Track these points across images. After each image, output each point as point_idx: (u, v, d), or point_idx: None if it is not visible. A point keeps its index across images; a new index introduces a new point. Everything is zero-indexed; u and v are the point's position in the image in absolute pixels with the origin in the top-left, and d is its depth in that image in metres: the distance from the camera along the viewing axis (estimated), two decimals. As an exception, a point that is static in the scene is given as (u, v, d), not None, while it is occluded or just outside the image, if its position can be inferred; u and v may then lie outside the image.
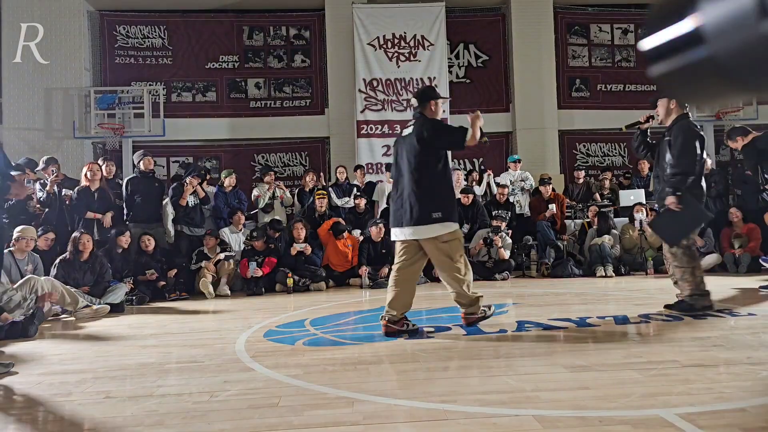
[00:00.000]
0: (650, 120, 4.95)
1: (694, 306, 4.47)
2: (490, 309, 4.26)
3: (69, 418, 2.37)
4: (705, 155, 4.66)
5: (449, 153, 4.39)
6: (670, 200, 4.40)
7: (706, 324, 4.03)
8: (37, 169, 7.66)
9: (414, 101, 4.23)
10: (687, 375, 2.69)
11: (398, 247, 4.17)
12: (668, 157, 4.54)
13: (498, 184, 9.37)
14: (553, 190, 9.26)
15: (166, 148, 11.69)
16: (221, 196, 8.58)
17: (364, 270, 7.57)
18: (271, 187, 8.80)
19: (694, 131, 4.45)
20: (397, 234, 4.12)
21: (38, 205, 7.25)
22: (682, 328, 3.89)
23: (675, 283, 4.70)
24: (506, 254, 8.01)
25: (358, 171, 9.65)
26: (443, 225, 3.96)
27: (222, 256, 7.32)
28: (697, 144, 4.43)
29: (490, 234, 8.01)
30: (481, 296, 4.26)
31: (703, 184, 4.55)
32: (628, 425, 2.02)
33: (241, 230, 8.20)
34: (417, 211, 3.94)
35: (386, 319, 4.06)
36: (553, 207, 8.77)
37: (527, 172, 9.70)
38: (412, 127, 4.13)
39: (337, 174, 9.34)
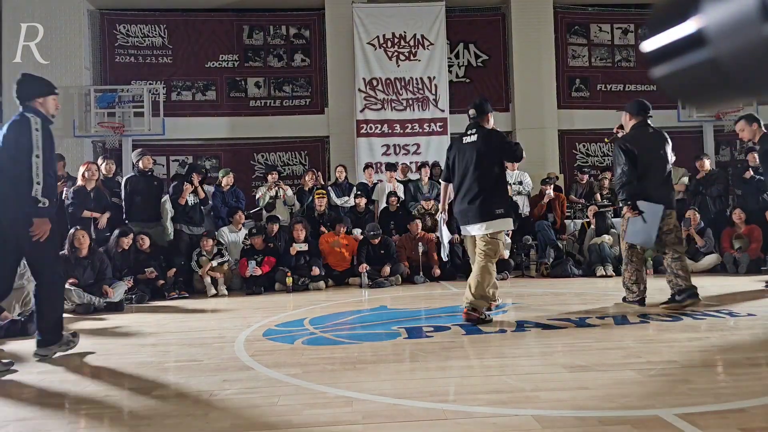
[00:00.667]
0: (621, 129, 5.36)
1: (636, 299, 4.99)
2: (488, 315, 4.52)
3: (67, 417, 2.36)
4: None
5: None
6: (625, 211, 4.98)
7: (705, 324, 4.04)
8: None
9: (472, 112, 4.89)
10: (686, 375, 2.69)
11: (477, 240, 4.64)
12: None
13: None
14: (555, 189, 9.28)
15: (165, 146, 11.68)
16: (219, 195, 8.58)
17: (364, 267, 7.57)
18: (272, 186, 8.78)
19: (620, 147, 4.94)
20: (470, 230, 4.67)
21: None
22: (682, 329, 3.89)
23: (669, 281, 4.90)
24: (506, 254, 8.02)
25: (368, 170, 9.64)
26: (504, 221, 4.55)
27: (214, 263, 7.31)
28: (623, 156, 4.89)
29: None
30: (494, 302, 4.67)
31: (667, 192, 4.99)
32: (627, 425, 2.02)
33: (240, 229, 8.20)
34: (485, 208, 4.50)
35: (467, 307, 4.44)
36: (550, 192, 8.79)
37: (525, 173, 9.69)
38: (474, 135, 4.71)
39: (337, 173, 9.33)
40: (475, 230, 4.60)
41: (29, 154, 3.71)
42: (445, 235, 5.35)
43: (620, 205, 5.07)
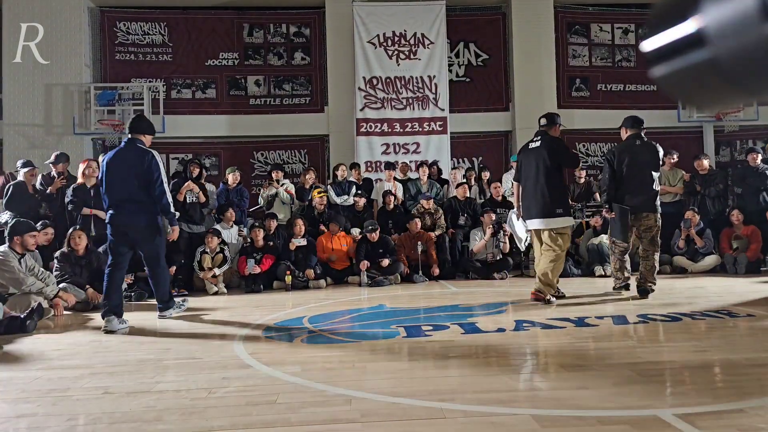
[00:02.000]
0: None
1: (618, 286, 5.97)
2: (552, 299, 5.30)
3: (67, 414, 2.36)
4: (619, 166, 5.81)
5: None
6: (604, 212, 6.18)
7: (704, 324, 4.04)
8: (48, 162, 7.68)
9: (543, 121, 5.69)
10: (685, 375, 2.69)
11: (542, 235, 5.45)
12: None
13: (490, 182, 9.40)
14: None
15: (165, 145, 11.66)
16: (224, 193, 8.57)
17: (365, 264, 7.57)
18: (272, 186, 8.77)
19: (604, 157, 6.03)
20: (537, 224, 5.43)
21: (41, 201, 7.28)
22: (681, 329, 3.90)
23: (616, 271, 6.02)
24: (507, 246, 8.06)
25: (354, 169, 9.62)
26: (564, 219, 5.33)
27: (218, 272, 7.30)
28: (607, 166, 5.91)
29: (498, 223, 8.04)
30: (557, 289, 5.49)
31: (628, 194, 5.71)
32: (626, 425, 2.03)
33: (231, 226, 8.19)
34: (546, 208, 5.28)
35: (536, 289, 5.36)
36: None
37: None
38: (539, 141, 5.48)
39: (337, 173, 9.32)
40: (536, 224, 5.43)
41: (161, 181, 4.91)
42: (519, 228, 6.49)
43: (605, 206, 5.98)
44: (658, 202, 5.76)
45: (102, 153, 9.01)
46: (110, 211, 4.89)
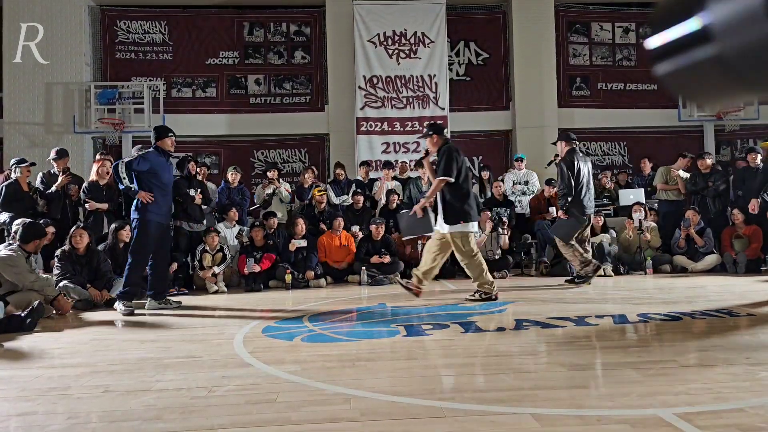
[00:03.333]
0: (556, 157, 6.87)
1: (587, 275, 6.64)
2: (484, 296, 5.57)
3: (67, 412, 2.36)
4: (584, 175, 6.63)
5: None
6: (560, 213, 6.75)
7: (704, 324, 4.04)
8: (50, 158, 7.64)
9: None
10: (685, 374, 2.69)
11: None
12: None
13: (490, 181, 9.39)
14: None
15: (165, 143, 11.67)
16: (225, 191, 8.56)
17: (377, 258, 7.66)
18: (271, 184, 8.76)
19: (571, 164, 6.54)
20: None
21: (42, 202, 7.25)
22: (681, 328, 3.89)
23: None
24: (507, 243, 8.08)
25: (362, 167, 9.61)
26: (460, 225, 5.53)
27: (217, 270, 7.29)
28: (570, 173, 6.53)
29: (498, 215, 8.05)
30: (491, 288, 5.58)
31: (585, 200, 6.60)
32: (626, 424, 2.02)
33: (234, 225, 8.19)
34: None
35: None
36: (553, 210, 8.72)
37: (533, 173, 9.67)
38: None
39: (336, 173, 9.30)
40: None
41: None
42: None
43: (563, 208, 6.68)
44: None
45: (102, 152, 9.02)
46: None
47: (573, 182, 6.52)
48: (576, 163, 6.56)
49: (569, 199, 6.56)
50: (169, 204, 6.01)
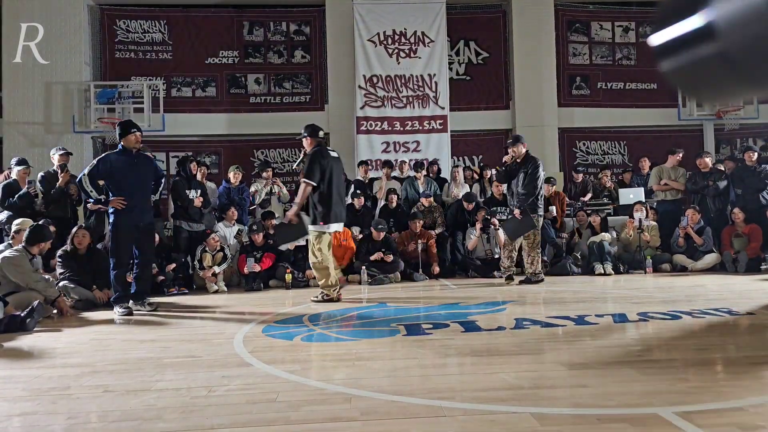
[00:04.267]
0: (510, 159, 6.95)
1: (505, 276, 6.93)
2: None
3: (67, 412, 2.36)
4: (542, 183, 6.90)
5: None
6: (516, 212, 6.78)
7: (704, 323, 4.04)
8: (59, 152, 7.58)
9: (321, 132, 6.22)
10: (685, 374, 2.69)
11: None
12: (520, 183, 6.76)
13: (492, 181, 9.38)
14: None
15: (165, 143, 11.68)
16: (226, 191, 8.56)
17: (379, 255, 7.64)
18: (268, 183, 8.77)
19: (538, 167, 6.75)
20: (341, 227, 6.16)
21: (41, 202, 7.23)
22: (681, 327, 3.89)
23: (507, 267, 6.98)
24: (503, 239, 8.05)
25: (362, 167, 9.61)
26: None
27: (217, 269, 7.29)
28: (540, 173, 6.76)
29: (487, 216, 8.03)
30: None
31: (540, 203, 6.84)
32: (626, 423, 2.02)
33: (233, 225, 8.19)
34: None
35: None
36: (553, 209, 8.71)
37: None
38: (334, 152, 6.06)
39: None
40: (341, 227, 6.16)
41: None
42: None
43: (517, 204, 6.78)
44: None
45: (102, 150, 9.02)
46: None
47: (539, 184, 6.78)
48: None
49: (530, 200, 6.70)
50: (142, 203, 5.65)
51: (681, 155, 9.01)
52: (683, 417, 2.06)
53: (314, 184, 5.69)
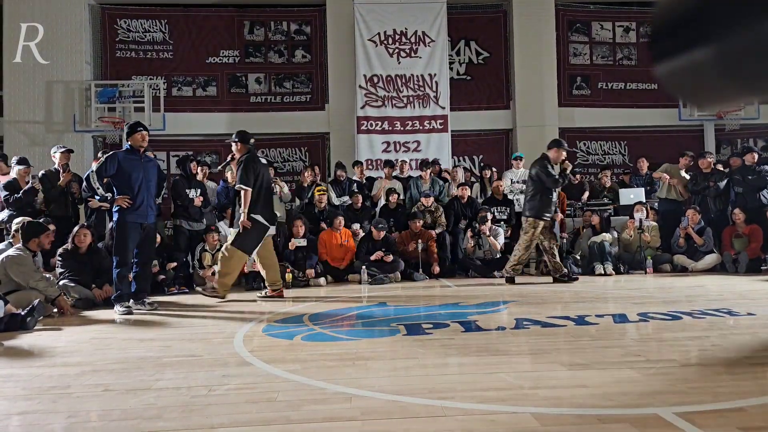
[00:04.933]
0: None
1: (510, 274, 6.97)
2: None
3: (67, 411, 2.36)
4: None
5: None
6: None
7: (705, 323, 4.04)
8: (61, 150, 7.55)
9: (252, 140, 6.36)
10: (686, 374, 2.69)
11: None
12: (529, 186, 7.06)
13: (491, 180, 9.38)
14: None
15: (166, 142, 11.68)
16: (225, 190, 8.54)
17: (380, 254, 7.65)
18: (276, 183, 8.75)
19: (546, 172, 6.92)
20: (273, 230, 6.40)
21: (42, 202, 7.22)
22: (681, 327, 3.89)
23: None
24: (498, 244, 8.04)
25: (357, 167, 9.61)
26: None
27: (216, 269, 7.27)
28: (549, 181, 6.86)
29: (476, 224, 8.04)
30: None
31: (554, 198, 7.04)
32: (626, 423, 2.02)
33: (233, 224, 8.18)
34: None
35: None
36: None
37: None
38: (263, 159, 6.49)
39: (337, 174, 9.29)
40: (273, 231, 6.39)
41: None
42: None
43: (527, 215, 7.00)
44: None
45: (104, 150, 9.01)
46: None
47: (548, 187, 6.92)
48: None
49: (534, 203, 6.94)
50: (147, 202, 5.69)
51: (690, 160, 9.01)
52: (683, 417, 2.06)
53: (249, 188, 5.90)
